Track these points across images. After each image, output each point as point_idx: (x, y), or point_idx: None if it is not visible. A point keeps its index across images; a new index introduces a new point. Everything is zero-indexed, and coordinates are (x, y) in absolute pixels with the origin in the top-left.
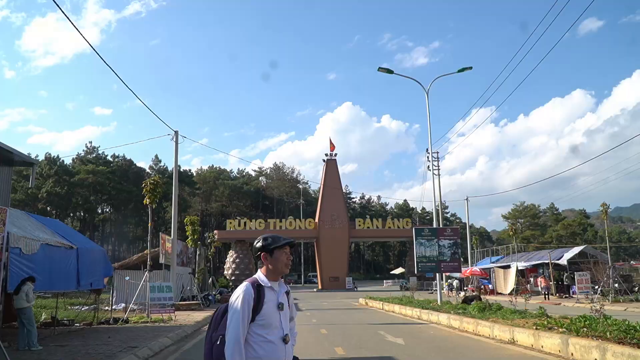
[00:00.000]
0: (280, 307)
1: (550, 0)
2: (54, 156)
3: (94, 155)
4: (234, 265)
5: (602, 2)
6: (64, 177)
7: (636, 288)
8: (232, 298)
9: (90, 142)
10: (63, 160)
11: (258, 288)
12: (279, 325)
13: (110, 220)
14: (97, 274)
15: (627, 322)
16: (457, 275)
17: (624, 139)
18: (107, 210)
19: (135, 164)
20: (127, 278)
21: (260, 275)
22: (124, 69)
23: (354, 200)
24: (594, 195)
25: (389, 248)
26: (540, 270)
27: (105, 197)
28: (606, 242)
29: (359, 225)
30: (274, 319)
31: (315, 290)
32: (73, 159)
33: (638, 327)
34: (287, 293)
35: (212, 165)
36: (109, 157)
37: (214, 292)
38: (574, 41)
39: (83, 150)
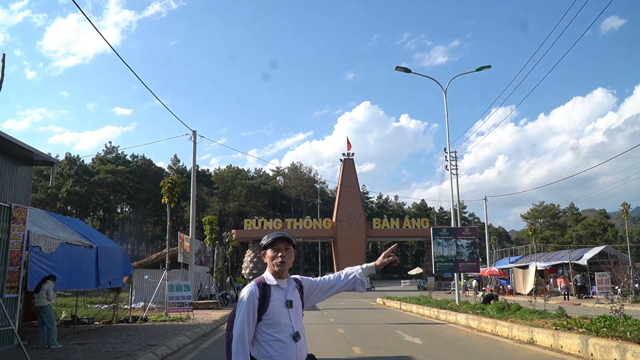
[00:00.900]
0: (288, 304)
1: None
2: (74, 156)
3: (114, 155)
4: (251, 265)
5: (624, 1)
6: (84, 176)
7: None
8: (240, 297)
9: (110, 142)
10: (83, 160)
11: (264, 287)
12: (289, 323)
13: (129, 220)
14: (117, 273)
15: None
16: (476, 275)
17: None
18: (127, 209)
19: (154, 164)
20: (146, 277)
21: (266, 273)
22: (145, 69)
23: (371, 199)
24: (615, 195)
25: (406, 248)
26: (560, 271)
27: (124, 197)
28: (627, 242)
29: (376, 224)
30: (282, 317)
31: None
32: (93, 159)
33: None
34: (300, 288)
35: (230, 165)
36: (128, 157)
37: (231, 291)
38: (595, 39)
39: (103, 150)
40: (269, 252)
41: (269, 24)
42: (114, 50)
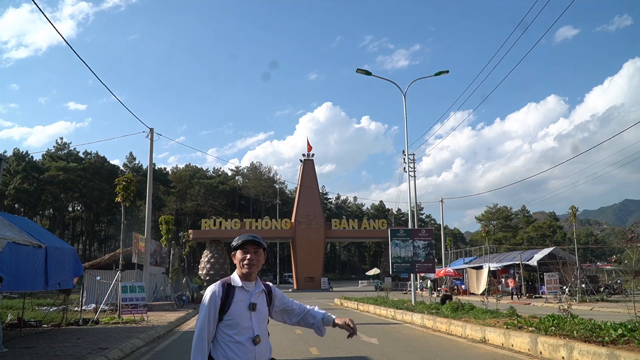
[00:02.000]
0: (251, 307)
1: (528, 7)
2: (22, 152)
3: (65, 151)
4: (208, 265)
5: (578, 12)
6: (33, 173)
7: (602, 288)
8: (203, 296)
9: (61, 138)
10: (32, 157)
11: (228, 287)
12: (250, 325)
13: (81, 219)
14: (67, 274)
15: (592, 321)
16: (431, 275)
17: (593, 144)
18: (79, 208)
19: (108, 162)
20: (98, 278)
21: (234, 274)
22: (101, 64)
23: (330, 200)
24: (564, 198)
25: (364, 249)
26: (512, 271)
27: (76, 195)
28: (574, 244)
29: (335, 225)
30: (243, 319)
31: (290, 290)
32: (43, 155)
33: (603, 326)
34: (269, 293)
35: (189, 164)
36: (80, 154)
37: (187, 293)
38: (550, 48)
39: (53, 147)
40: (238, 254)
41: (232, 23)
42: (67, 42)
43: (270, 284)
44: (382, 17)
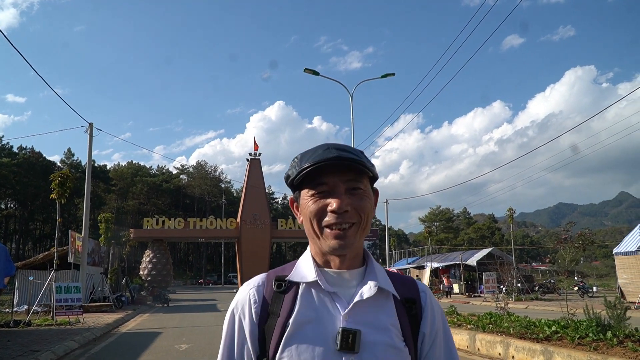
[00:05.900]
0: (339, 341)
1: (473, 14)
2: None
3: None
4: (150, 265)
5: (523, 21)
6: None
7: (537, 287)
8: None
9: None
10: None
11: (278, 290)
12: None
13: (14, 217)
14: None
15: (527, 319)
16: None
17: (530, 149)
18: (12, 205)
19: (44, 157)
20: (31, 278)
21: (303, 257)
22: (45, 55)
23: (276, 200)
24: (502, 200)
25: None
26: (452, 271)
27: (9, 192)
28: (511, 245)
29: (282, 225)
30: None
31: (235, 291)
32: None
33: (538, 324)
34: (410, 304)
35: (131, 161)
36: (15, 149)
37: (127, 293)
38: (497, 55)
39: None
40: (306, 198)
41: (186, 18)
42: (1, 32)
43: (419, 283)
44: (337, 19)
